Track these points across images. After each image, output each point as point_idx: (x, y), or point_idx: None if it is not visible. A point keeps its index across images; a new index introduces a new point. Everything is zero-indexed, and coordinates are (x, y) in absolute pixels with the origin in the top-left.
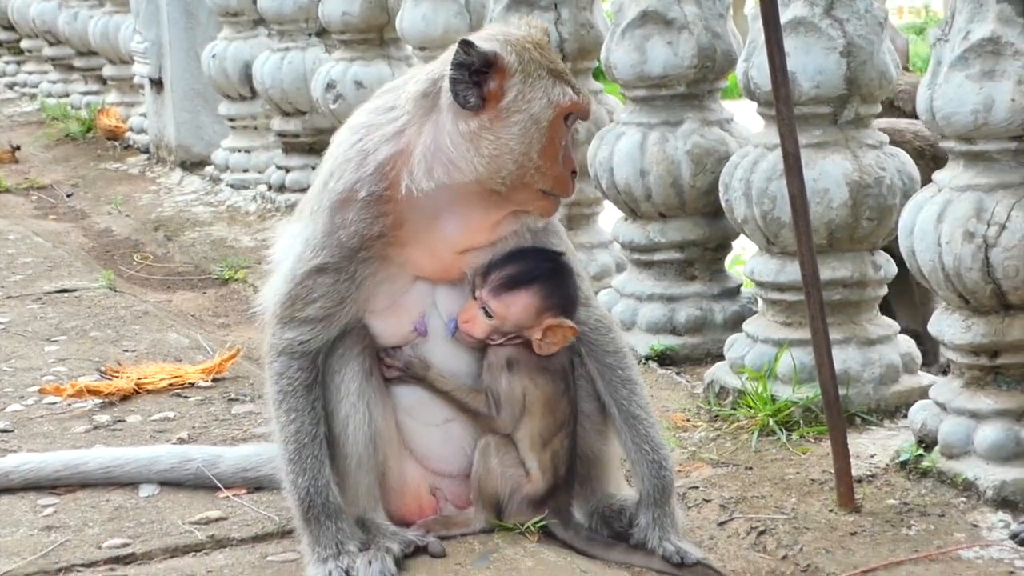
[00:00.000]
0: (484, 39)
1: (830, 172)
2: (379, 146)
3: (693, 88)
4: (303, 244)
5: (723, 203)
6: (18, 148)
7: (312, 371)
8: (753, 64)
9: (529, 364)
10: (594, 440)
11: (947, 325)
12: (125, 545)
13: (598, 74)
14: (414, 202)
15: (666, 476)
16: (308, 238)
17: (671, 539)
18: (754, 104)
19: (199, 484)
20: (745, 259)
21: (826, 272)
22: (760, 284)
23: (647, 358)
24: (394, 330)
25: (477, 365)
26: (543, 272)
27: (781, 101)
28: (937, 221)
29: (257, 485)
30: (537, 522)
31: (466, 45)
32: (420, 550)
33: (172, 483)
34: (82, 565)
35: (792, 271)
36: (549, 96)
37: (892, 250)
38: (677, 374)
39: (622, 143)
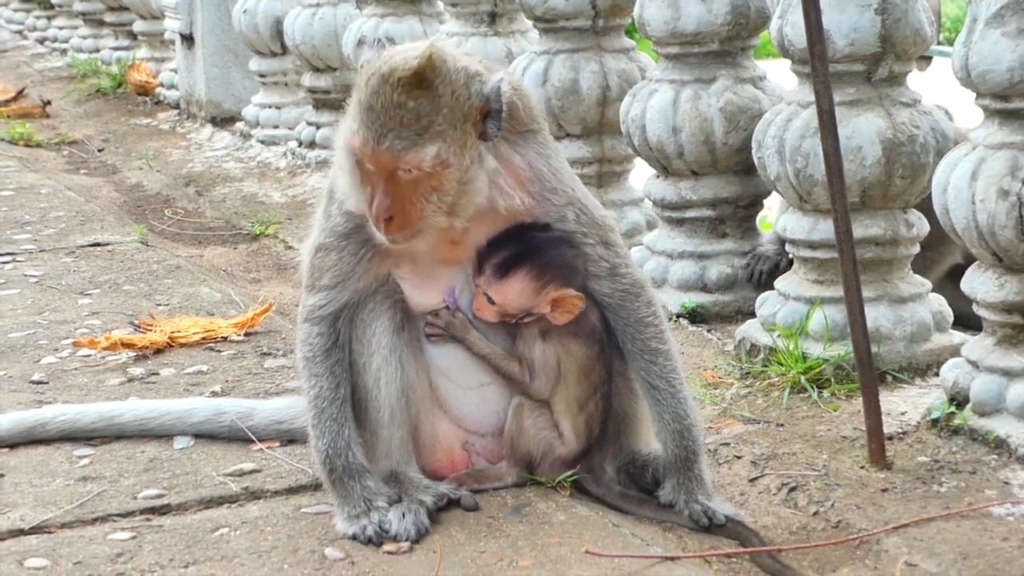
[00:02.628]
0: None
1: (864, 130)
2: None
3: (726, 45)
4: (317, 220)
5: (756, 160)
6: (49, 103)
7: (331, 335)
8: (788, 21)
9: (561, 331)
10: (625, 397)
11: (980, 283)
12: (160, 496)
13: (631, 31)
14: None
15: (689, 445)
16: (318, 216)
17: (698, 500)
18: (785, 63)
19: (233, 437)
20: (771, 221)
21: (859, 230)
22: (792, 242)
23: (678, 315)
24: (423, 300)
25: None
26: (529, 251)
27: (816, 58)
28: (971, 179)
29: (290, 438)
30: (568, 477)
31: None
32: (453, 503)
33: (206, 435)
34: (118, 515)
35: (824, 229)
36: (344, 127)
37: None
38: (708, 331)
39: (655, 100)
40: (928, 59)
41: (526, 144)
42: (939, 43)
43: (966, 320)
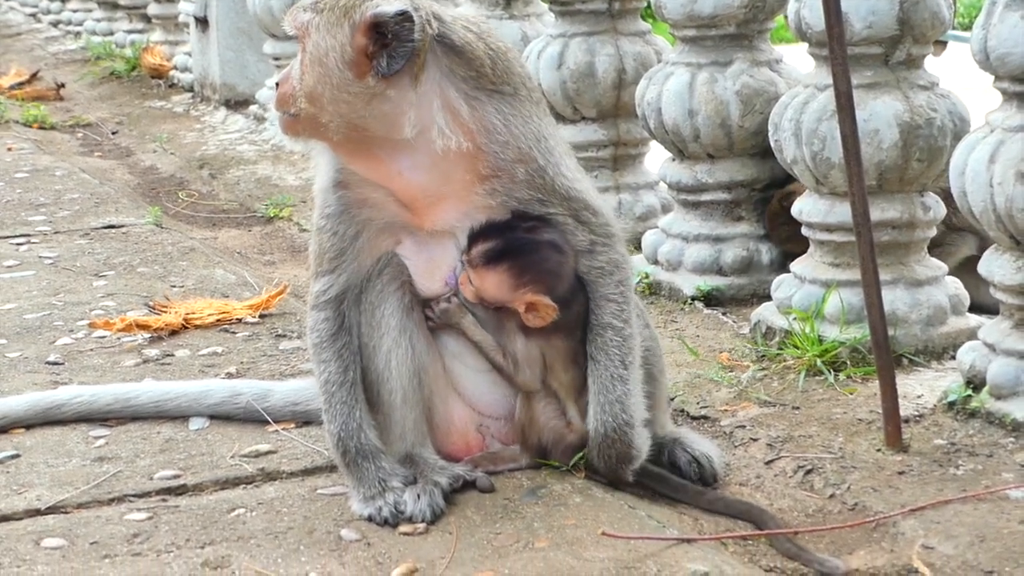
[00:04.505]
0: None
1: (881, 113)
2: None
3: (743, 28)
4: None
5: (772, 143)
6: (63, 86)
7: (336, 319)
8: (805, 4)
9: (540, 327)
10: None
11: (997, 266)
12: (176, 476)
13: (647, 14)
14: (345, 153)
15: (608, 421)
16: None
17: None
18: (799, 48)
19: (248, 418)
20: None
21: (875, 213)
22: (809, 225)
23: (693, 298)
24: (427, 283)
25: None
26: (515, 248)
27: (834, 40)
28: (989, 162)
29: (306, 419)
30: (580, 458)
31: None
32: (468, 485)
33: (222, 417)
34: (134, 495)
35: (841, 212)
36: None
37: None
38: (723, 314)
39: (671, 83)
40: (943, 44)
41: (487, 100)
42: (953, 28)
43: (980, 310)
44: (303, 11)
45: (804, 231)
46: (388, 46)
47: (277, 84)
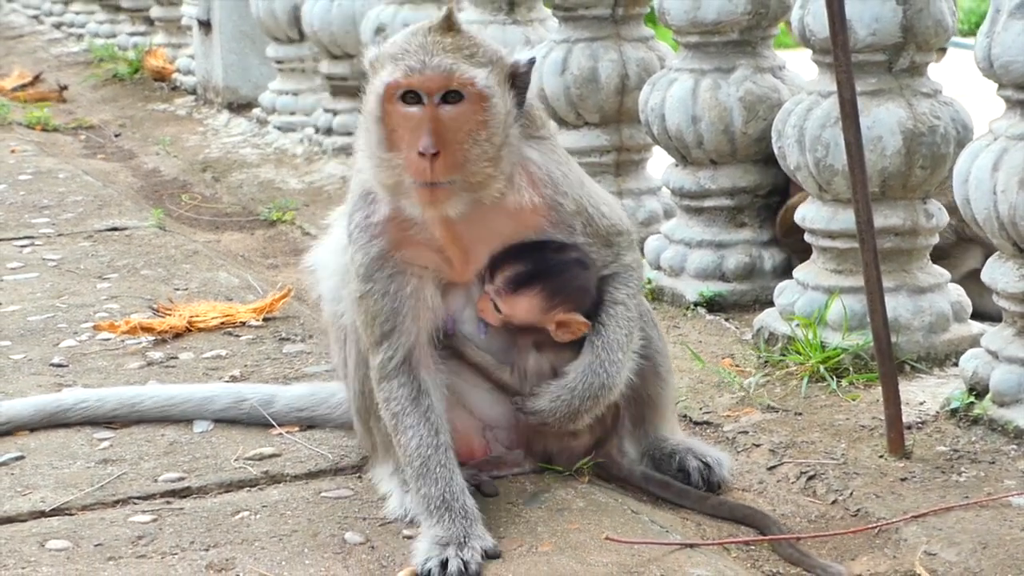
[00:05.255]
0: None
1: (884, 120)
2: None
3: (746, 35)
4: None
5: (775, 150)
6: (65, 88)
7: (413, 384)
8: (809, 11)
9: (555, 342)
10: (651, 382)
11: (1000, 273)
12: (181, 479)
13: (650, 20)
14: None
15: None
16: (347, 260)
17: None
18: (801, 53)
19: (253, 422)
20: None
21: (878, 220)
22: (812, 232)
23: (696, 304)
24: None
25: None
26: (544, 270)
27: (839, 47)
28: (993, 169)
29: (311, 424)
30: (586, 463)
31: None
32: (473, 489)
33: (227, 421)
34: (139, 497)
35: (844, 219)
36: (375, 83)
37: None
38: (726, 320)
39: (674, 89)
40: (943, 50)
41: (541, 146)
42: (956, 34)
43: (983, 319)
44: (459, 63)
45: (807, 237)
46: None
47: (421, 153)
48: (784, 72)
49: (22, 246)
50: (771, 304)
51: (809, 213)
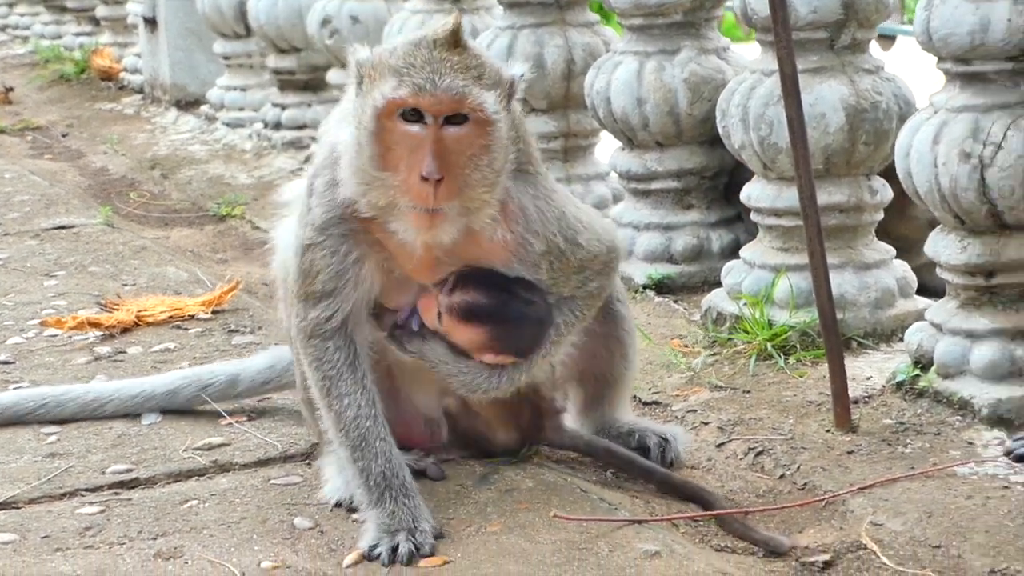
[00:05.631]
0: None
1: (827, 97)
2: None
3: (690, 16)
4: (297, 223)
5: (720, 129)
6: (11, 89)
7: (350, 348)
8: None
9: None
10: (617, 364)
11: (943, 246)
12: (129, 470)
13: (596, 6)
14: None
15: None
16: (298, 217)
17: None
18: (748, 47)
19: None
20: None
21: (823, 197)
22: (757, 210)
23: (644, 287)
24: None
25: None
26: (502, 317)
27: (779, 24)
28: (933, 142)
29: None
30: (527, 451)
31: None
32: (419, 474)
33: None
34: (86, 490)
35: (788, 197)
36: (374, 96)
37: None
38: (675, 302)
39: (619, 72)
40: (892, 39)
41: (524, 181)
42: (903, 23)
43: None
44: (470, 85)
45: (753, 216)
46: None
47: (424, 177)
48: (728, 53)
49: None
50: (719, 285)
51: (754, 192)
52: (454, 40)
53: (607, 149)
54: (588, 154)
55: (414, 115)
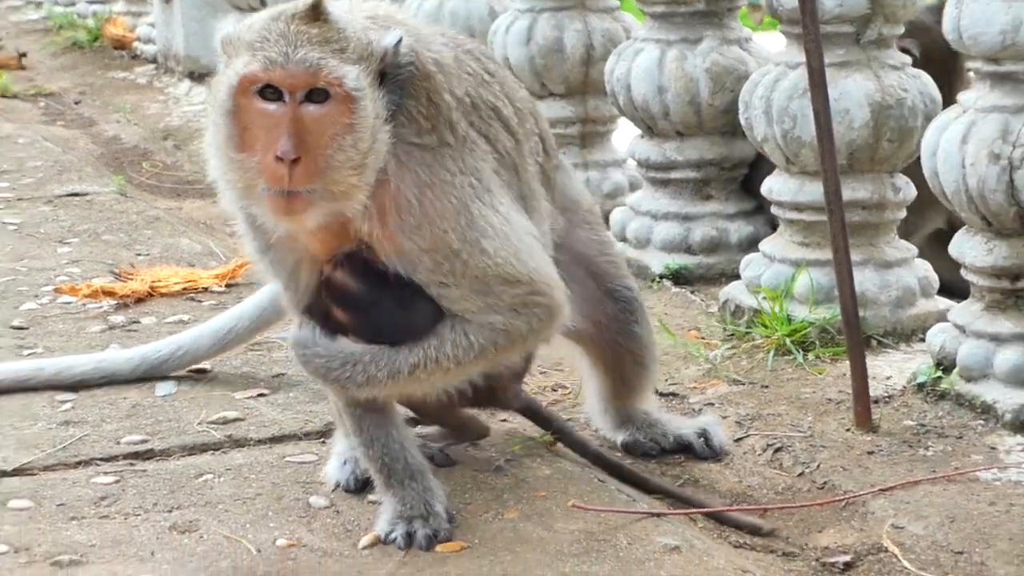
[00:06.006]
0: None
1: (852, 92)
2: None
3: (712, 5)
4: None
5: (742, 121)
6: (24, 55)
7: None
8: None
9: None
10: (637, 353)
11: (969, 247)
12: (143, 441)
13: None
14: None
15: None
16: None
17: None
18: (767, 37)
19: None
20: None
21: (846, 193)
22: (778, 204)
23: (661, 276)
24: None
25: None
26: (365, 310)
27: (807, 16)
28: (962, 142)
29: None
30: (545, 435)
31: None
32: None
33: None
34: (101, 459)
35: (811, 191)
36: (228, 73)
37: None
38: (692, 292)
39: (640, 59)
40: None
41: (419, 162)
42: None
43: (947, 286)
44: (327, 58)
45: (774, 210)
46: (388, 83)
47: (278, 157)
48: (751, 44)
49: None
50: (737, 277)
51: (776, 185)
52: (314, 13)
53: (624, 136)
54: (605, 140)
55: (273, 93)
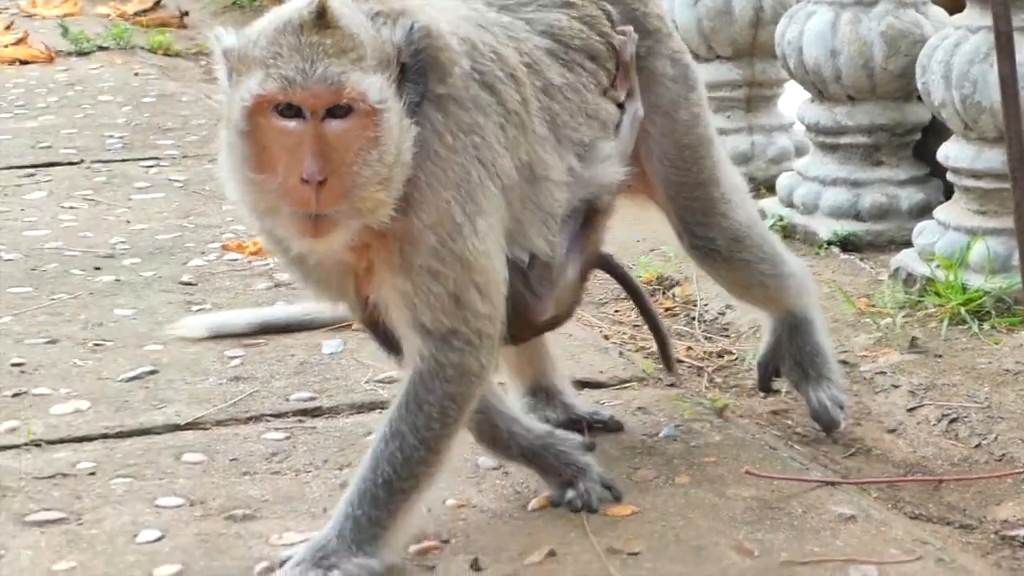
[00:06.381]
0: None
1: None
2: None
3: None
4: None
5: (919, 86)
6: (186, 14)
7: None
8: None
9: None
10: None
11: None
12: (312, 398)
13: None
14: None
15: None
16: None
17: None
18: None
19: None
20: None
21: None
22: (955, 171)
23: (829, 243)
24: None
25: None
26: None
27: None
28: None
29: None
30: (716, 400)
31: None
32: (599, 424)
33: None
34: (271, 415)
35: (989, 158)
36: (242, 92)
37: None
38: (860, 260)
39: (812, 22)
40: None
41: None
42: None
43: None
44: (348, 72)
45: (950, 176)
46: (408, 80)
47: (304, 180)
48: (927, 7)
49: (148, 166)
50: (907, 245)
51: (953, 152)
52: (322, 20)
53: (792, 100)
54: (772, 105)
55: (290, 110)
